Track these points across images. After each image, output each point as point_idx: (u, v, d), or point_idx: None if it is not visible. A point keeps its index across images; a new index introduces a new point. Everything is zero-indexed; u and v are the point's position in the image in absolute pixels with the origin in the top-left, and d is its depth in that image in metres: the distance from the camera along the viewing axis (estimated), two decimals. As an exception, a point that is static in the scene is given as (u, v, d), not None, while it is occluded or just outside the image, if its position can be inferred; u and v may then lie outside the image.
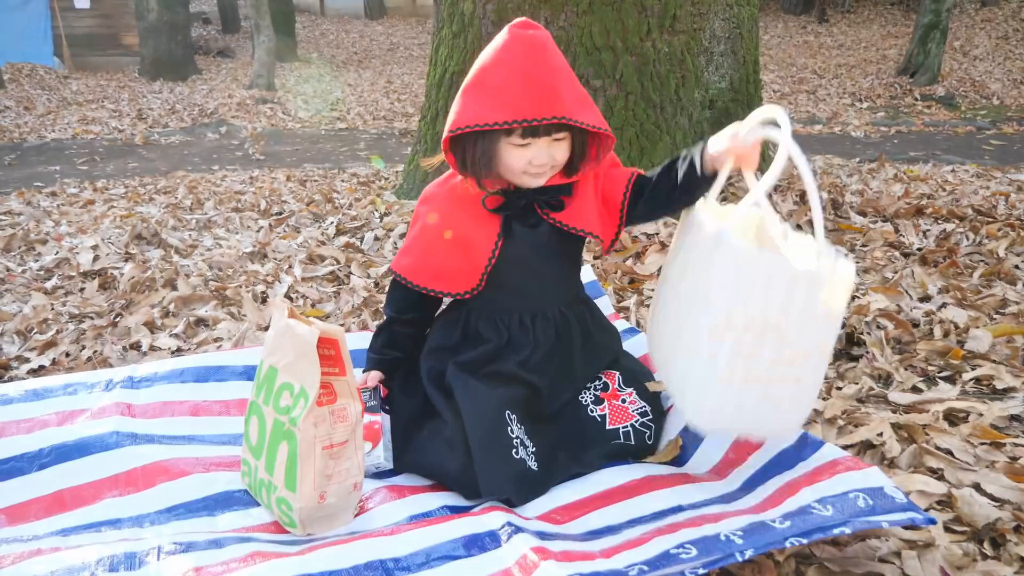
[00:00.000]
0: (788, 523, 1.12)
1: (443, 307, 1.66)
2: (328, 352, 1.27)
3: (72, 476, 1.38)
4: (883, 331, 1.96)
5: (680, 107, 3.08)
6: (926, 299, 2.20)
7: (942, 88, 9.51)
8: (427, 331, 1.64)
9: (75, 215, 3.91)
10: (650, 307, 1.30)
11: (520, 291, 1.53)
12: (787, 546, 1.08)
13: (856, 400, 1.67)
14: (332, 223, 3.32)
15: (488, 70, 1.37)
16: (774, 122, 1.16)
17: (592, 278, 2.03)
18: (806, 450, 1.33)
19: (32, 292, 2.54)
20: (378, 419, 1.50)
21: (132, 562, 1.10)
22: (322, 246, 2.97)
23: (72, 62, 12.63)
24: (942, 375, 1.77)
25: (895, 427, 1.52)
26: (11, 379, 1.93)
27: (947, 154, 5.86)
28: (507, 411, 1.41)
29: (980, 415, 1.54)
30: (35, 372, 1.98)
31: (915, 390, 1.71)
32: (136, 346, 2.12)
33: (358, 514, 1.33)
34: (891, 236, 2.81)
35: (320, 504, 1.25)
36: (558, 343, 1.53)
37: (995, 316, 2.07)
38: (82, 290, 2.60)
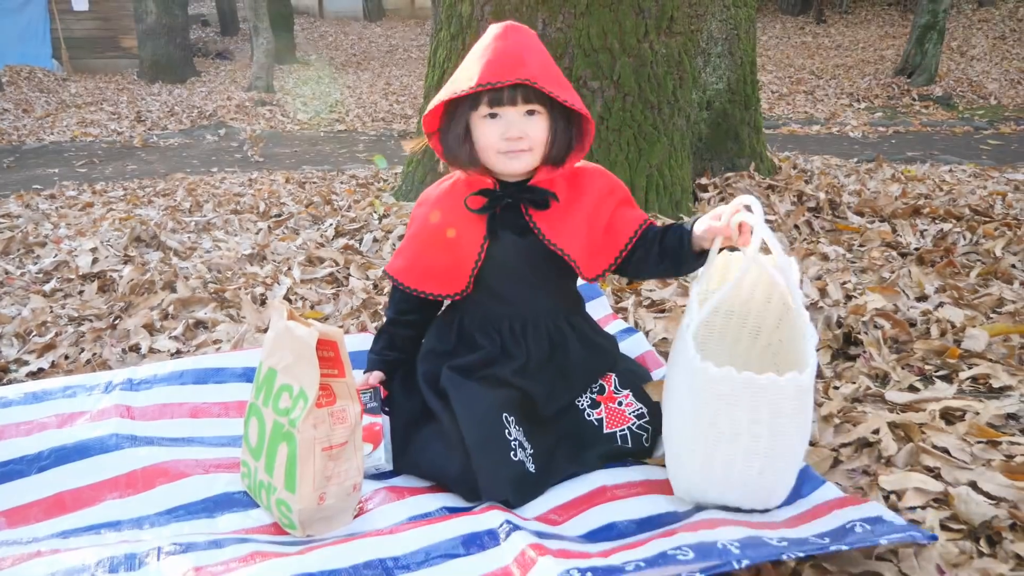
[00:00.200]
0: (785, 543, 1.13)
1: (442, 309, 1.66)
2: (327, 354, 1.27)
3: (72, 478, 1.38)
4: (880, 330, 1.96)
5: (678, 108, 3.08)
6: (923, 299, 2.21)
7: (939, 88, 9.53)
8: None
9: (74, 218, 3.91)
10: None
11: (509, 298, 1.52)
12: (783, 559, 1.10)
13: (853, 399, 1.68)
14: (331, 225, 3.32)
15: (464, 61, 1.41)
16: (748, 207, 1.28)
17: (590, 279, 2.03)
18: (806, 486, 1.34)
19: (31, 295, 2.55)
20: (379, 421, 1.50)
21: (132, 563, 1.10)
22: (321, 248, 2.98)
23: (71, 65, 12.64)
24: (939, 374, 1.78)
25: (892, 426, 1.52)
26: (10, 382, 1.94)
27: (944, 154, 5.87)
28: (504, 413, 1.41)
29: (977, 414, 1.55)
30: (34, 375, 1.98)
31: (912, 389, 1.71)
32: (135, 348, 2.12)
33: (357, 515, 1.33)
34: (888, 236, 2.82)
35: (319, 505, 1.26)
36: (553, 353, 1.52)
37: (992, 315, 2.08)
38: (81, 293, 2.60)
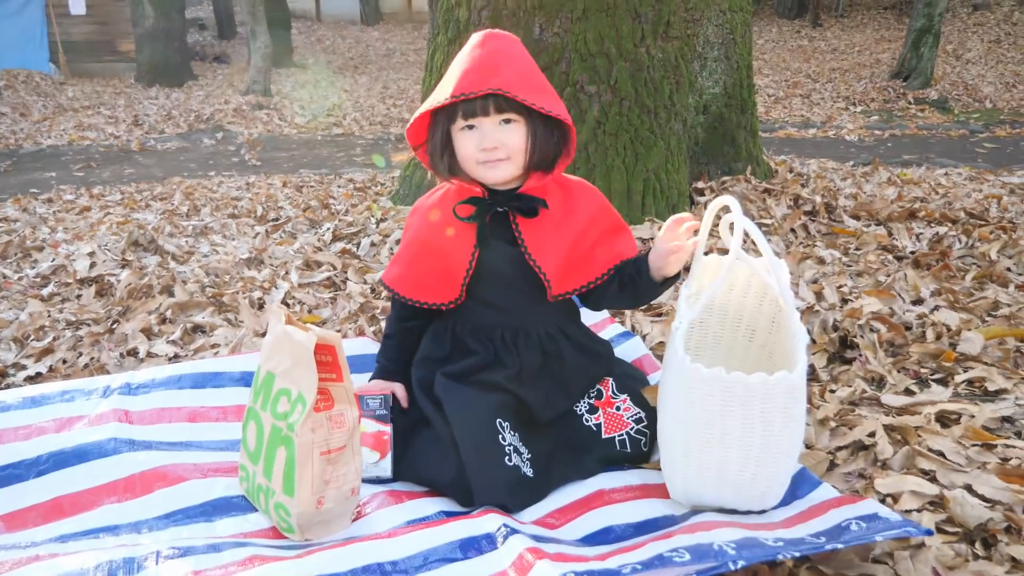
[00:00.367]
0: (781, 543, 1.14)
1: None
2: (325, 358, 1.27)
3: (70, 483, 1.38)
4: (876, 334, 1.97)
5: (674, 112, 3.09)
6: (919, 302, 2.22)
7: (935, 92, 9.56)
8: None
9: (71, 222, 3.92)
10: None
11: (500, 305, 1.52)
12: (779, 559, 1.11)
13: (849, 402, 1.68)
14: (328, 229, 3.32)
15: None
16: (727, 207, 1.32)
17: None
18: (802, 488, 1.35)
19: (28, 299, 2.55)
20: (387, 430, 1.47)
21: (131, 567, 1.10)
22: (318, 252, 2.98)
23: (68, 68, 12.62)
24: (934, 377, 1.78)
25: (888, 429, 1.53)
26: (8, 386, 1.94)
27: (940, 157, 5.89)
28: (498, 419, 1.41)
29: (972, 417, 1.55)
30: (32, 379, 1.98)
31: (908, 392, 1.72)
32: (133, 353, 2.12)
33: (355, 519, 1.34)
34: (884, 239, 2.83)
35: (318, 509, 1.26)
36: (546, 362, 1.52)
37: (987, 319, 2.09)
38: (79, 297, 2.60)
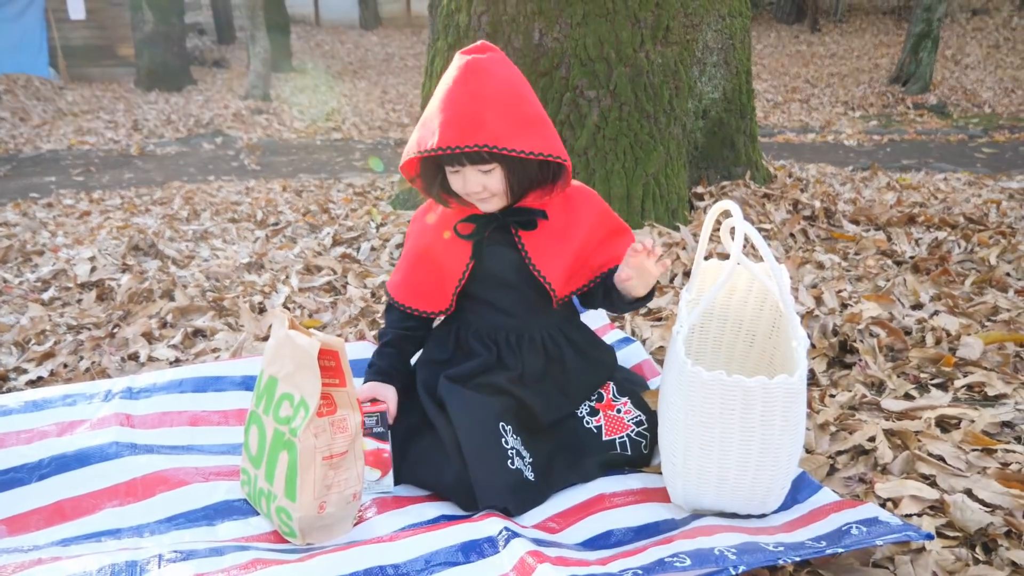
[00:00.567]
0: (781, 548, 1.15)
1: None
2: (328, 363, 1.28)
3: (72, 486, 1.39)
4: (876, 339, 1.97)
5: (674, 117, 3.10)
6: (918, 307, 2.23)
7: (934, 97, 9.59)
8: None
9: (71, 226, 3.92)
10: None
11: (504, 307, 1.53)
12: (780, 563, 1.11)
13: (849, 407, 1.69)
14: (328, 234, 3.33)
15: (432, 99, 1.39)
16: (727, 212, 1.34)
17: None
18: (802, 492, 1.36)
19: (29, 303, 2.55)
20: (386, 448, 1.46)
21: (133, 570, 1.10)
22: (319, 256, 2.99)
23: (67, 73, 12.62)
24: (934, 382, 1.79)
25: (888, 433, 1.53)
26: (10, 390, 1.94)
27: (939, 162, 5.90)
28: (501, 422, 1.42)
29: (972, 422, 1.56)
30: (33, 383, 1.98)
31: (907, 397, 1.72)
32: (134, 357, 2.12)
33: (357, 524, 1.34)
34: (883, 244, 2.83)
35: (319, 514, 1.26)
36: (548, 366, 1.53)
37: (987, 323, 2.10)
38: (79, 301, 2.61)
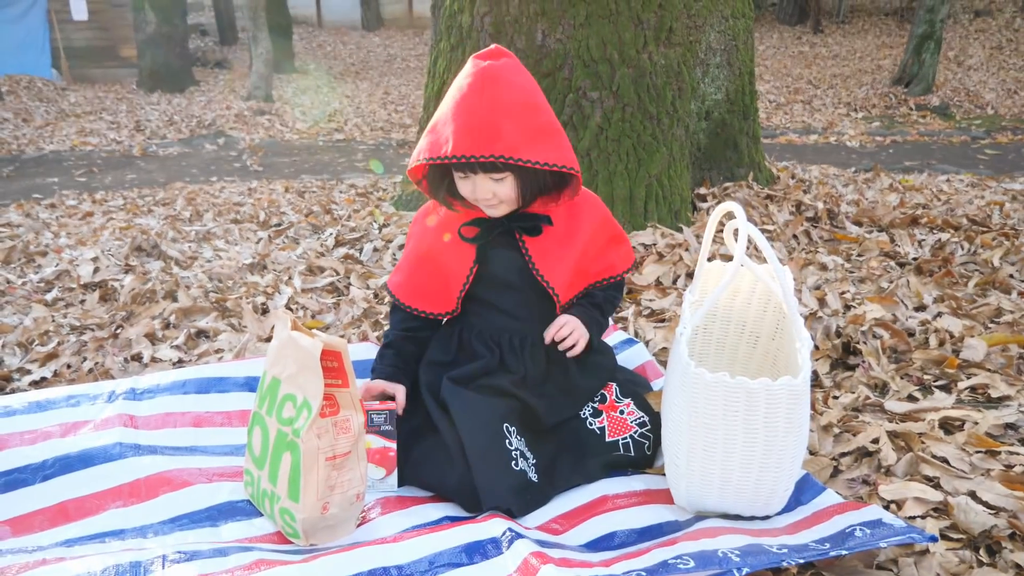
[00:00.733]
0: (785, 550, 1.15)
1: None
2: (331, 364, 1.28)
3: (75, 487, 1.39)
4: (879, 340, 1.97)
5: (677, 118, 3.10)
6: (921, 308, 2.22)
7: (937, 98, 9.58)
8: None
9: (74, 227, 3.92)
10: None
11: (507, 310, 1.53)
12: (784, 565, 1.11)
13: (852, 409, 1.68)
14: (331, 234, 3.33)
15: (443, 103, 1.39)
16: (731, 214, 1.35)
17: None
18: (806, 494, 1.36)
19: (32, 304, 2.55)
20: (393, 446, 1.47)
21: (137, 571, 1.11)
22: (321, 257, 2.99)
23: (70, 74, 12.66)
24: (938, 384, 1.79)
25: (891, 435, 1.53)
26: (13, 391, 1.94)
27: (942, 164, 5.90)
28: (505, 424, 1.42)
29: (975, 423, 1.56)
30: (37, 384, 1.98)
31: (911, 399, 1.72)
32: (137, 357, 2.12)
33: (360, 524, 1.34)
34: (886, 246, 2.83)
35: (323, 515, 1.26)
36: (550, 370, 1.53)
37: (990, 325, 2.09)
38: (83, 302, 2.61)
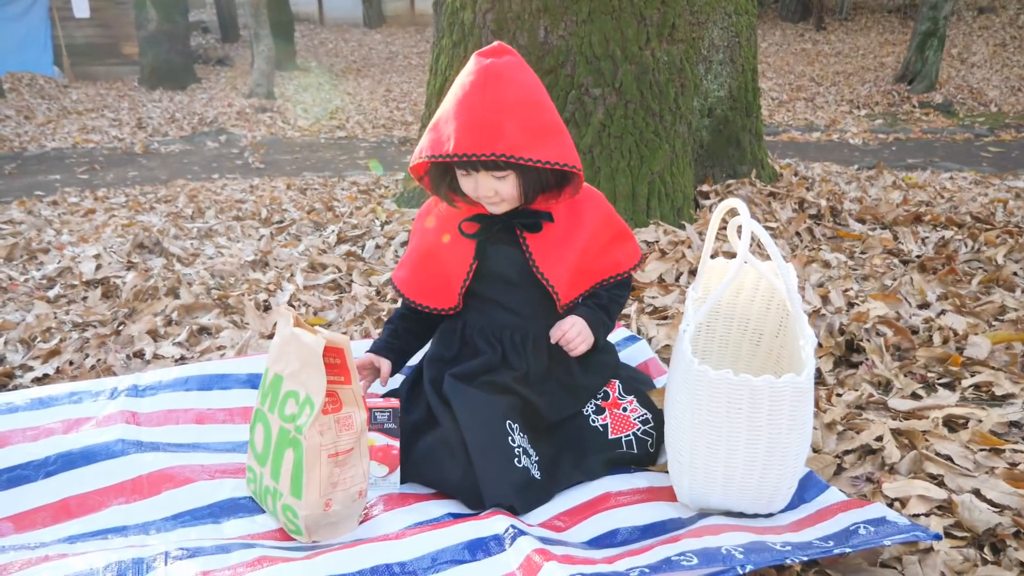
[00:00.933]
0: (788, 547, 1.14)
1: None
2: (334, 361, 1.27)
3: (78, 484, 1.39)
4: (882, 338, 1.97)
5: (679, 115, 3.09)
6: (925, 306, 2.22)
7: (940, 95, 9.56)
8: (434, 329, 1.63)
9: (76, 224, 3.92)
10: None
11: (506, 307, 1.53)
12: (787, 563, 1.11)
13: (856, 406, 1.68)
14: (333, 231, 3.33)
15: (446, 100, 1.39)
16: (734, 211, 1.35)
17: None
18: (810, 491, 1.36)
19: (35, 301, 2.55)
20: (396, 444, 1.46)
21: (140, 568, 1.10)
22: (323, 254, 2.99)
23: (72, 71, 12.66)
24: (941, 382, 1.78)
25: (895, 433, 1.53)
26: (16, 387, 1.94)
27: (945, 161, 5.89)
28: (508, 421, 1.42)
29: (979, 421, 1.55)
30: (39, 380, 1.98)
31: (915, 396, 1.72)
32: (140, 354, 2.12)
33: (363, 521, 1.34)
34: (890, 243, 2.82)
35: (325, 512, 1.26)
36: (551, 367, 1.53)
37: (994, 323, 2.09)
38: (85, 299, 2.61)
